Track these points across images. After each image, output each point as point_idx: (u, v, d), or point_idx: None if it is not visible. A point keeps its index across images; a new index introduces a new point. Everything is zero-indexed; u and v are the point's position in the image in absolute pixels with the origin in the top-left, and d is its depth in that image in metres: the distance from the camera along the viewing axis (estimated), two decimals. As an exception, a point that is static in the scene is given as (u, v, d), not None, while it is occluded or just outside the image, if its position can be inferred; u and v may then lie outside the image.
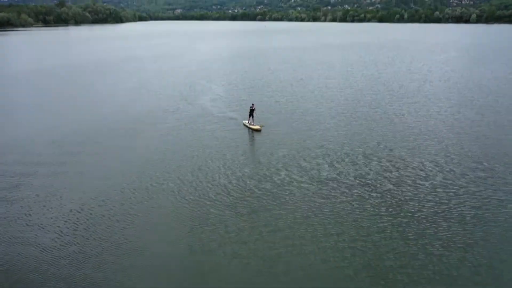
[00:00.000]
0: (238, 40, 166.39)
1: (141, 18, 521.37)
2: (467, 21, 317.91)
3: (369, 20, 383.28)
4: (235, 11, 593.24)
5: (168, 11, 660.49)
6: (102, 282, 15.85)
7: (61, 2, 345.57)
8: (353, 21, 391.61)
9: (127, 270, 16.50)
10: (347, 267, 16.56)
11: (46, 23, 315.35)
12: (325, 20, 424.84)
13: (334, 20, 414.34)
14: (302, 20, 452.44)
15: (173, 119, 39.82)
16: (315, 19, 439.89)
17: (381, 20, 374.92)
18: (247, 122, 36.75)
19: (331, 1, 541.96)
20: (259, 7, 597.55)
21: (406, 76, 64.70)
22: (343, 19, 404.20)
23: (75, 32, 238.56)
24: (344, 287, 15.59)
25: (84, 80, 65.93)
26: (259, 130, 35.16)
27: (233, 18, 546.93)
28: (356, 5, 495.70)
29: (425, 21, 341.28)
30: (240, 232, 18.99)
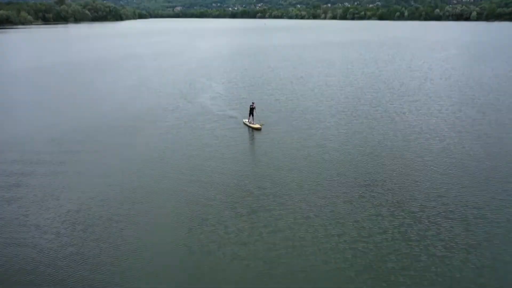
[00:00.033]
0: (238, 38, 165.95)
1: (141, 16, 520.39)
2: (468, 19, 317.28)
3: (369, 18, 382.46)
4: (235, 9, 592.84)
5: (168, 9, 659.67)
6: (100, 284, 15.61)
7: (61, 0, 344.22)
8: (353, 19, 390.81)
9: (125, 272, 16.27)
10: (349, 269, 16.32)
11: (46, 21, 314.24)
12: (325, 18, 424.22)
13: (334, 18, 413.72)
14: (302, 18, 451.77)
15: (173, 118, 39.56)
16: (315, 17, 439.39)
17: (381, 18, 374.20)
18: (247, 121, 36.48)
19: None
20: (259, 5, 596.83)
21: (407, 74, 64.43)
22: (343, 17, 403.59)
23: (75, 30, 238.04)
24: (346, 289, 15.39)
25: (84, 78, 65.65)
26: (259, 129, 34.89)
27: (233, 16, 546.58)
28: (356, 3, 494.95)
29: (425, 19, 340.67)
30: (240, 233, 18.75)
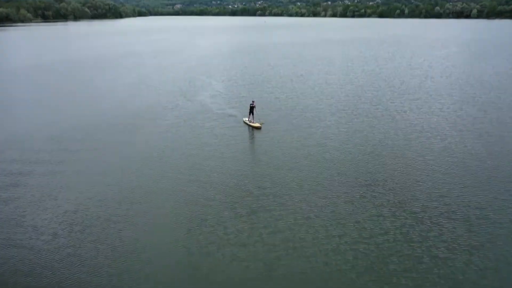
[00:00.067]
0: (238, 36, 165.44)
1: (141, 14, 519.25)
2: (468, 16, 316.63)
3: (369, 15, 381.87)
4: (235, 6, 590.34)
5: (168, 6, 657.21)
6: (98, 287, 15.38)
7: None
8: (353, 16, 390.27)
9: (123, 274, 16.03)
10: (350, 271, 16.09)
11: (45, 19, 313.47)
12: (325, 16, 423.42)
13: (334, 16, 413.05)
14: (302, 16, 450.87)
15: (172, 116, 39.28)
16: (315, 14, 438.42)
17: (382, 15, 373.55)
18: (247, 120, 36.20)
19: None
20: (259, 2, 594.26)
21: (407, 72, 64.10)
22: (343, 14, 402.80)
23: (74, 28, 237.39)
24: (347, 292, 15.16)
25: (83, 76, 65.36)
26: (259, 128, 34.61)
27: (233, 14, 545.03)
28: (356, 0, 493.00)
29: (426, 16, 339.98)
30: (239, 234, 18.51)
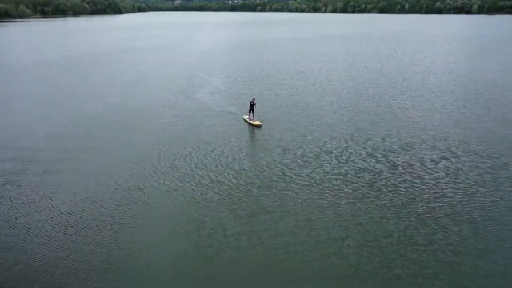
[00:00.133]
0: (238, 31, 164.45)
1: (140, 9, 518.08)
2: (469, 12, 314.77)
3: (370, 11, 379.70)
4: (235, 2, 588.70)
5: (168, 2, 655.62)
6: (92, 293, 14.89)
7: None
8: (354, 12, 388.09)
9: (119, 279, 15.50)
10: (353, 276, 15.56)
11: (44, 14, 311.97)
12: (326, 11, 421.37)
13: (335, 11, 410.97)
14: (303, 11, 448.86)
15: (171, 114, 38.68)
16: (315, 10, 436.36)
17: (382, 11, 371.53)
18: (247, 117, 35.61)
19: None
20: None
21: (409, 68, 63.39)
22: (344, 10, 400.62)
23: (74, 23, 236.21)
24: (350, 298, 14.66)
25: (82, 72, 64.79)
26: (259, 126, 34.02)
27: (233, 9, 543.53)
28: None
29: (426, 12, 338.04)
30: (239, 237, 17.96)
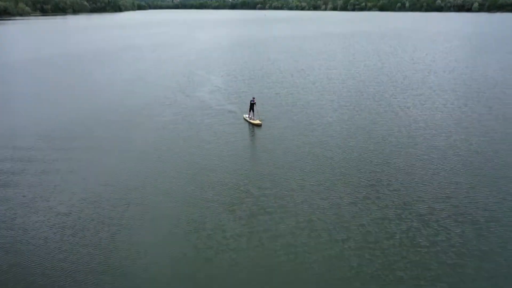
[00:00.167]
0: (238, 29, 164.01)
1: (140, 7, 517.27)
2: (469, 10, 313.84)
3: (370, 9, 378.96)
4: (235, 0, 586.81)
5: (167, 0, 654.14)
6: (89, 296, 14.64)
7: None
8: (354, 10, 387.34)
9: (117, 281, 15.24)
10: (354, 278, 15.30)
11: (44, 12, 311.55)
12: (326, 9, 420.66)
13: (335, 9, 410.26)
14: (303, 9, 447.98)
15: (170, 112, 38.41)
16: (315, 8, 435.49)
17: (382, 9, 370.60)
18: (248, 116, 35.32)
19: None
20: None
21: (410, 67, 63.07)
22: (344, 8, 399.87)
23: (73, 21, 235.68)
24: (351, 301, 14.41)
25: (82, 70, 64.58)
26: (260, 125, 33.73)
27: (233, 7, 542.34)
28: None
29: (427, 10, 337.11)
30: (239, 238, 17.70)
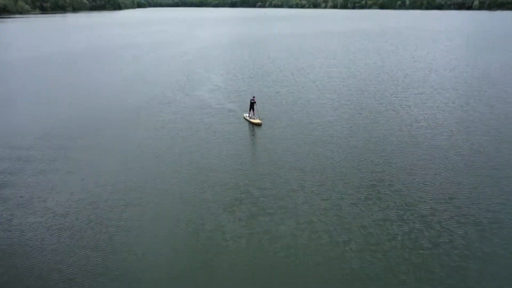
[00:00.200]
0: (238, 27, 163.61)
1: (140, 5, 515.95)
2: (470, 8, 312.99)
3: (370, 7, 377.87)
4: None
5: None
6: (86, 299, 14.40)
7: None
8: (354, 8, 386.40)
9: (114, 284, 15.01)
10: (356, 281, 15.06)
11: (44, 10, 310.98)
12: (326, 7, 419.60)
13: (335, 7, 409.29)
14: (303, 7, 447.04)
15: (169, 111, 38.14)
16: (315, 6, 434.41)
17: (382, 7, 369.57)
18: (248, 116, 35.04)
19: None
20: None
21: (410, 65, 62.72)
22: (344, 6, 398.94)
23: (73, 19, 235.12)
24: (353, 305, 14.17)
25: (81, 69, 64.30)
26: (260, 124, 33.45)
27: (233, 5, 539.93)
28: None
29: (427, 8, 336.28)
30: (238, 240, 17.44)
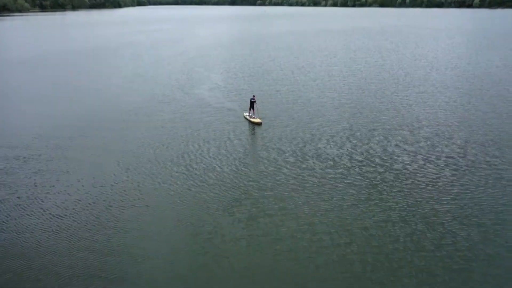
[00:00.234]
0: (238, 25, 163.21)
1: (140, 3, 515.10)
2: (470, 6, 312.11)
3: (370, 5, 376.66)
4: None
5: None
6: (83, 303, 14.14)
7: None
8: (354, 6, 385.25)
9: (113, 286, 14.79)
10: (357, 284, 14.77)
11: (43, 8, 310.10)
12: (326, 5, 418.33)
13: (335, 5, 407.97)
14: (303, 5, 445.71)
15: (169, 110, 37.85)
16: (316, 4, 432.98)
17: (383, 5, 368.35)
18: (248, 115, 34.74)
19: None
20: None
21: (411, 63, 62.40)
22: (344, 4, 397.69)
23: (72, 17, 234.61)
24: (355, 309, 13.91)
25: (80, 67, 64.06)
26: (260, 124, 33.15)
27: (233, 3, 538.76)
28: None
29: (427, 6, 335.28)
30: (238, 242, 17.16)
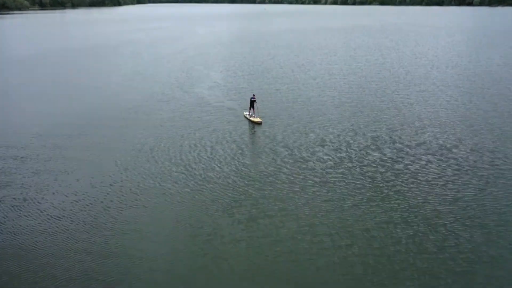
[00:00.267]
0: (237, 24, 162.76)
1: (140, 1, 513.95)
2: (470, 4, 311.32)
3: (371, 3, 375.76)
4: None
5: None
6: (79, 306, 13.90)
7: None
8: (354, 4, 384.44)
9: (109, 291, 14.54)
10: (359, 286, 14.54)
11: (43, 6, 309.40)
12: (326, 3, 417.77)
13: (335, 3, 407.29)
14: (303, 3, 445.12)
15: (168, 109, 37.58)
16: (316, 2, 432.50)
17: (383, 3, 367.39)
18: (248, 114, 34.46)
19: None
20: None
21: (412, 62, 62.10)
22: (344, 2, 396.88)
23: (72, 15, 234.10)
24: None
25: (79, 65, 63.84)
26: (260, 123, 32.87)
27: (232, 1, 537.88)
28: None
29: (428, 4, 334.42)
30: (238, 244, 16.92)
